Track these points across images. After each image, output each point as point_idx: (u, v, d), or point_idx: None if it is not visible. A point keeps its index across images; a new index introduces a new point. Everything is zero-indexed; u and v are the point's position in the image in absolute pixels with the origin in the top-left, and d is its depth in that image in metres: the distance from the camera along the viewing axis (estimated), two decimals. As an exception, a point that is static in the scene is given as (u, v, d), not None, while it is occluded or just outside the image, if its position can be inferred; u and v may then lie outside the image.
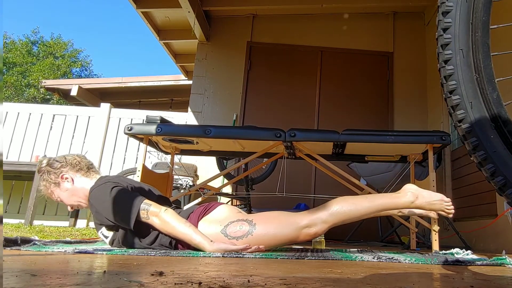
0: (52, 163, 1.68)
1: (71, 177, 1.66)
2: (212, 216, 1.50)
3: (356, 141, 2.23)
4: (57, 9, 40.96)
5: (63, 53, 21.73)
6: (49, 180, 1.66)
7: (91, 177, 1.69)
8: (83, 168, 1.69)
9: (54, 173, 1.66)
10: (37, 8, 39.16)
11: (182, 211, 1.58)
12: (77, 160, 1.70)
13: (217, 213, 1.52)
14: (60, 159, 1.69)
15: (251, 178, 3.20)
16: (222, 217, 1.48)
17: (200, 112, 4.46)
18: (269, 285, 0.66)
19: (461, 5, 0.87)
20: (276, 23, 4.69)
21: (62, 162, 1.68)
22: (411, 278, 0.83)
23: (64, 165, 1.67)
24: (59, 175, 1.65)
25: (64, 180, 1.65)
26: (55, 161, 1.69)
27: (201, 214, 1.51)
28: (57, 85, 7.40)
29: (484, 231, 2.90)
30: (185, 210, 1.59)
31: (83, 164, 1.70)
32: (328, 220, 1.37)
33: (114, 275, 0.75)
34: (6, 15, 30.60)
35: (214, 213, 1.52)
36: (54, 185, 1.66)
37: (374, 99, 4.46)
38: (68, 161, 1.68)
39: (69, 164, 1.68)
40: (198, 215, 1.51)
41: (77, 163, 1.69)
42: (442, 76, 0.89)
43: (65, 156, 1.73)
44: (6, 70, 19.37)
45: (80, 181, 1.67)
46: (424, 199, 1.41)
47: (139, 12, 4.34)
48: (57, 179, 1.65)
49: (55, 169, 1.66)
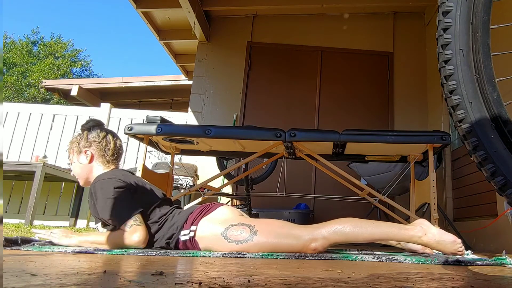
0: (92, 132, 1.72)
1: (91, 156, 1.69)
2: (213, 216, 1.49)
3: (356, 141, 2.23)
4: (57, 9, 40.97)
5: (63, 53, 21.73)
6: (77, 143, 1.71)
7: (106, 167, 1.70)
8: (107, 157, 1.70)
9: (84, 141, 1.70)
10: (37, 8, 39.17)
11: (182, 211, 1.58)
12: (109, 147, 1.71)
13: (219, 213, 1.51)
14: (98, 135, 1.71)
15: (251, 178, 3.19)
16: (223, 218, 1.47)
17: (200, 112, 4.46)
18: (269, 285, 0.66)
19: (461, 5, 0.87)
20: (276, 23, 4.69)
21: (97, 139, 1.70)
22: (411, 278, 0.83)
23: (96, 142, 1.69)
24: (85, 146, 1.69)
25: (85, 154, 1.69)
26: (95, 132, 1.72)
27: (202, 214, 1.50)
28: (57, 85, 7.40)
29: (484, 231, 2.90)
30: (185, 210, 1.58)
31: (110, 154, 1.71)
32: (330, 237, 1.35)
33: (114, 275, 0.75)
34: (6, 15, 30.61)
35: (215, 213, 1.51)
36: (77, 149, 1.70)
37: (374, 99, 4.46)
38: (102, 142, 1.70)
39: (101, 145, 1.70)
40: (198, 214, 1.50)
41: (107, 150, 1.70)
42: (442, 76, 0.89)
43: (106, 134, 1.73)
44: (6, 70, 19.37)
45: (95, 165, 1.69)
46: (433, 237, 1.32)
47: (139, 12, 4.34)
48: (82, 148, 1.69)
49: (88, 139, 1.70)
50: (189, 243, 1.47)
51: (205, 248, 1.45)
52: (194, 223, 1.48)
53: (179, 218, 1.53)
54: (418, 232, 1.33)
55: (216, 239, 1.41)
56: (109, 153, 1.70)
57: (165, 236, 1.50)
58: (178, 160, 3.48)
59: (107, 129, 1.77)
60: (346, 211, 3.77)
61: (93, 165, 1.69)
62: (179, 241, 1.48)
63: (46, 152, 4.63)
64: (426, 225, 1.37)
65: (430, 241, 1.31)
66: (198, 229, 1.46)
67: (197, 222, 1.48)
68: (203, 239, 1.45)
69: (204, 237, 1.45)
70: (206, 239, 1.44)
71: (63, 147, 4.80)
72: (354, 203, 2.87)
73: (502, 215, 2.57)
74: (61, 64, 20.96)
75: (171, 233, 1.49)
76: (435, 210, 2.13)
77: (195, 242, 1.46)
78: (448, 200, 3.66)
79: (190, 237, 1.46)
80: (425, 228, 1.34)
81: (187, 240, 1.46)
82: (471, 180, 3.23)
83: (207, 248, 1.45)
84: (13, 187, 4.74)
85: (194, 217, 1.50)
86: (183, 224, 1.50)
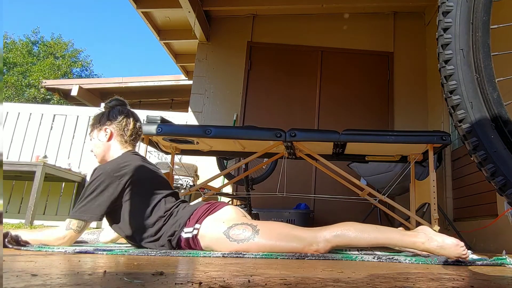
0: (113, 111, 1.73)
1: (110, 134, 1.70)
2: (217, 216, 1.49)
3: (357, 141, 2.23)
4: (57, 9, 40.98)
5: (63, 53, 21.74)
6: (99, 119, 1.72)
7: (124, 147, 1.71)
8: (125, 137, 1.71)
9: (105, 119, 1.71)
10: (37, 8, 39.17)
11: (187, 206, 1.58)
12: (128, 128, 1.72)
13: (223, 213, 1.51)
14: (120, 114, 1.73)
15: (251, 178, 3.19)
16: (227, 218, 1.47)
17: (200, 112, 4.46)
18: (270, 285, 0.66)
19: (462, 5, 0.87)
20: (276, 23, 4.69)
21: (118, 118, 1.71)
22: (411, 278, 0.83)
23: (117, 121, 1.71)
24: (105, 124, 1.70)
25: (105, 132, 1.70)
26: (116, 111, 1.73)
27: (207, 212, 1.50)
28: (58, 85, 7.40)
29: (484, 231, 2.90)
30: (190, 206, 1.58)
31: (128, 135, 1.72)
32: (331, 240, 1.35)
33: (114, 275, 0.75)
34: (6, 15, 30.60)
35: (220, 212, 1.51)
36: (98, 126, 1.72)
37: (374, 99, 4.45)
38: (122, 121, 1.72)
39: (120, 124, 1.71)
40: (203, 212, 1.50)
41: (126, 130, 1.72)
42: (442, 76, 0.89)
43: (126, 114, 1.75)
44: (6, 70, 19.38)
45: (113, 143, 1.70)
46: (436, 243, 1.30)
47: (140, 12, 4.34)
48: (103, 125, 1.70)
49: (109, 117, 1.71)
50: (191, 241, 1.46)
51: (206, 246, 1.45)
52: (199, 221, 1.47)
53: (183, 214, 1.52)
54: (421, 238, 1.32)
55: (218, 237, 1.41)
56: (128, 133, 1.72)
57: (167, 232, 1.49)
58: (178, 160, 3.48)
59: (129, 110, 1.78)
60: (346, 211, 3.78)
61: (111, 143, 1.70)
62: (181, 239, 1.48)
63: (46, 152, 4.63)
64: (428, 231, 1.36)
65: (433, 247, 1.30)
66: (202, 228, 1.46)
67: (201, 220, 1.47)
68: (205, 238, 1.44)
69: (206, 235, 1.44)
70: (208, 237, 1.44)
71: (63, 147, 4.80)
72: (354, 203, 2.87)
73: (502, 215, 2.57)
74: (61, 64, 20.96)
75: (173, 231, 1.49)
76: (435, 210, 2.13)
77: (197, 240, 1.46)
78: (448, 200, 3.66)
79: (193, 235, 1.46)
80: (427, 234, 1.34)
81: (190, 238, 1.46)
82: (471, 180, 3.23)
83: (208, 246, 1.45)
84: (13, 187, 4.74)
85: (199, 215, 1.49)
86: (186, 221, 1.49)
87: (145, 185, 1.58)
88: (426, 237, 1.32)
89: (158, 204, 1.55)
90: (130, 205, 1.53)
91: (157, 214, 1.53)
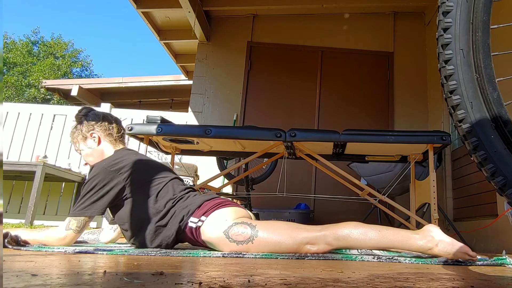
0: (89, 116, 1.71)
1: (98, 138, 1.69)
2: (223, 212, 1.49)
3: (357, 141, 2.23)
4: (57, 9, 40.98)
5: (63, 53, 21.74)
6: (80, 131, 1.70)
7: (115, 146, 1.71)
8: (114, 136, 1.71)
9: (86, 127, 1.69)
10: (37, 8, 39.18)
11: (198, 194, 1.58)
12: (112, 126, 1.72)
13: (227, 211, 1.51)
14: (97, 117, 1.71)
15: (251, 178, 3.20)
16: (229, 217, 1.47)
17: (200, 112, 4.46)
18: (270, 285, 0.66)
19: (462, 5, 0.87)
20: (276, 23, 4.69)
21: (98, 121, 1.70)
22: (411, 278, 0.83)
23: (99, 124, 1.70)
24: (90, 130, 1.69)
25: (92, 138, 1.69)
26: (92, 115, 1.71)
27: (215, 207, 1.50)
28: (58, 85, 7.40)
29: (485, 231, 2.90)
30: (203, 195, 1.58)
31: (115, 132, 1.72)
32: (332, 243, 1.32)
33: (114, 275, 0.75)
34: (6, 15, 30.60)
35: (226, 210, 1.51)
36: (82, 137, 1.70)
37: (374, 99, 4.45)
38: (104, 122, 1.71)
39: (103, 125, 1.70)
40: (212, 206, 1.50)
41: (111, 128, 1.71)
42: (442, 76, 0.89)
43: (103, 115, 1.74)
44: (6, 70, 19.38)
45: (104, 146, 1.70)
46: (444, 248, 1.22)
47: (140, 12, 4.34)
48: (87, 133, 1.69)
49: (89, 123, 1.69)
50: (194, 231, 1.47)
51: (206, 241, 1.46)
52: (206, 214, 1.48)
53: (193, 201, 1.53)
54: (428, 243, 1.25)
55: (219, 237, 1.41)
56: (115, 131, 1.72)
57: (177, 216, 1.49)
58: (178, 160, 3.48)
59: (101, 112, 1.77)
60: (346, 211, 3.78)
61: (102, 146, 1.70)
62: (187, 226, 1.49)
63: (46, 152, 4.63)
64: (436, 233, 1.27)
65: (441, 253, 1.23)
66: (206, 222, 1.46)
67: (208, 214, 1.48)
68: (206, 233, 1.45)
69: (207, 231, 1.45)
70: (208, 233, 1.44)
71: (63, 147, 4.80)
72: (354, 203, 2.87)
73: (502, 215, 2.57)
74: (61, 64, 20.97)
75: (181, 215, 1.49)
76: (435, 210, 2.13)
77: (198, 232, 1.46)
78: (448, 200, 3.66)
79: (196, 226, 1.47)
80: (436, 239, 1.25)
81: (193, 228, 1.47)
82: (471, 180, 3.23)
83: (208, 241, 1.45)
84: (13, 187, 4.74)
85: (208, 208, 1.49)
86: (195, 210, 1.50)
87: (146, 174, 1.58)
88: (434, 241, 1.24)
89: (165, 187, 1.56)
90: (134, 198, 1.53)
91: (166, 197, 1.53)
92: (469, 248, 1.24)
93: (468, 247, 1.24)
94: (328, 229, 1.34)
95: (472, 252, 1.23)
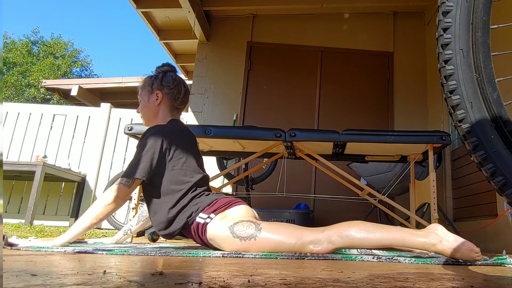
0: (166, 77, 1.74)
1: (161, 99, 1.71)
2: (230, 211, 1.52)
3: (356, 141, 2.23)
4: (57, 9, 40.98)
5: (63, 53, 21.72)
6: (151, 82, 1.73)
7: (171, 113, 1.74)
8: (175, 104, 1.74)
9: (158, 82, 1.72)
10: (37, 8, 39.17)
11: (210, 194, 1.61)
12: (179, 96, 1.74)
13: (235, 210, 1.53)
14: (173, 81, 1.73)
15: (251, 178, 3.20)
16: (236, 215, 1.49)
17: (200, 112, 4.46)
18: (269, 285, 0.66)
19: (461, 5, 0.87)
20: (276, 23, 4.69)
21: (171, 85, 1.72)
22: (411, 278, 0.83)
23: (169, 88, 1.72)
24: (158, 88, 1.71)
25: (156, 96, 1.71)
26: (169, 77, 1.74)
27: (225, 206, 1.53)
28: (57, 85, 7.39)
29: (484, 231, 2.90)
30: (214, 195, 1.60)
31: (178, 102, 1.75)
32: (335, 242, 1.30)
33: (114, 275, 0.75)
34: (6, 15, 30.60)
35: (233, 209, 1.53)
36: (149, 88, 1.73)
37: (374, 99, 4.46)
38: (175, 89, 1.73)
39: (172, 91, 1.72)
40: (223, 205, 1.53)
41: (177, 98, 1.73)
42: (442, 76, 0.89)
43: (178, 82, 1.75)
44: (6, 70, 19.37)
45: (162, 108, 1.72)
46: (449, 244, 1.20)
47: (139, 12, 4.34)
48: (155, 89, 1.72)
49: (162, 82, 1.72)
50: (200, 227, 1.49)
51: (211, 239, 1.47)
52: (215, 212, 1.50)
53: (205, 199, 1.55)
54: (432, 239, 1.23)
55: (224, 232, 1.42)
56: (178, 101, 1.74)
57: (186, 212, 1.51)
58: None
59: (179, 77, 1.79)
60: (346, 211, 3.78)
61: (161, 108, 1.72)
62: (194, 221, 1.50)
63: (46, 152, 4.63)
64: (440, 230, 1.26)
65: (446, 249, 1.21)
66: (214, 220, 1.48)
67: (218, 212, 1.50)
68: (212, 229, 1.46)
69: (214, 227, 1.46)
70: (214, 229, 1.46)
71: (63, 147, 4.80)
72: (354, 203, 2.87)
73: (502, 215, 2.57)
74: (61, 64, 20.95)
75: (191, 211, 1.51)
76: (435, 210, 2.13)
77: (205, 229, 1.48)
78: (448, 200, 3.66)
79: (204, 223, 1.48)
80: (440, 235, 1.23)
81: (201, 223, 1.49)
82: (471, 180, 3.23)
83: (213, 239, 1.46)
84: (13, 187, 4.74)
85: (218, 206, 1.51)
86: (205, 207, 1.52)
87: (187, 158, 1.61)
88: (438, 238, 1.23)
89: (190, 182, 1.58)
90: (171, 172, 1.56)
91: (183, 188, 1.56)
92: (473, 245, 1.21)
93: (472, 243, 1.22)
94: (331, 229, 1.34)
95: (477, 247, 1.20)
